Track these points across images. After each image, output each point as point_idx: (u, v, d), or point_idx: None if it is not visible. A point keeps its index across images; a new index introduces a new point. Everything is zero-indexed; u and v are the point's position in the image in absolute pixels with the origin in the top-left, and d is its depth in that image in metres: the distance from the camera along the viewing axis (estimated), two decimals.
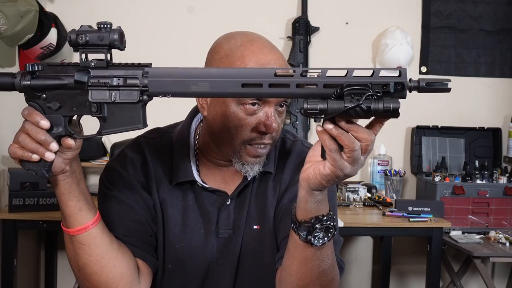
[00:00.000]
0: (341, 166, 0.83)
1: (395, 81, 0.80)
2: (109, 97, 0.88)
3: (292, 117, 2.81)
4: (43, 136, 0.89)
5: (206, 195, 1.18)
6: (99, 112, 0.90)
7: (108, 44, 0.87)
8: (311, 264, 0.97)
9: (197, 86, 0.84)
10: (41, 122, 0.89)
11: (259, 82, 0.83)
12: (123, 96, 0.88)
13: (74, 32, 0.86)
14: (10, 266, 2.25)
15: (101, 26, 0.86)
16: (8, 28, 2.17)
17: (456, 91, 3.04)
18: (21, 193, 2.24)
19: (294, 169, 1.19)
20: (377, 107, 0.79)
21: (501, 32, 3.02)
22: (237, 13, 2.83)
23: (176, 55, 2.69)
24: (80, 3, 2.83)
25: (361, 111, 0.79)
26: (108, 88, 0.88)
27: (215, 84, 0.84)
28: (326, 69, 0.82)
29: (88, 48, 0.87)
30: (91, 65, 0.88)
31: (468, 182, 2.68)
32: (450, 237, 2.55)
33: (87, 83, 0.88)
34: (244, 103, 1.07)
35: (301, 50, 2.84)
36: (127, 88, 0.88)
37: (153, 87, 0.86)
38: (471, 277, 3.06)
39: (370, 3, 2.97)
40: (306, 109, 0.81)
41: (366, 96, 0.78)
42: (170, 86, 0.85)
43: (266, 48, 1.11)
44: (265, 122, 1.07)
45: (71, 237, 1.03)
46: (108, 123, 0.90)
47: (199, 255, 1.18)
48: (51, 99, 0.91)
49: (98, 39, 0.86)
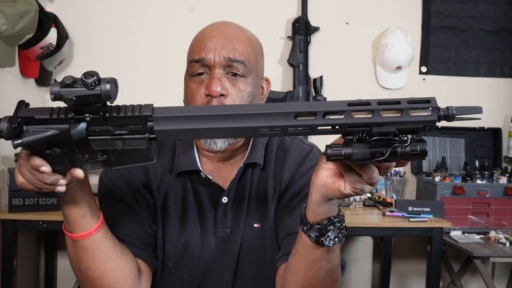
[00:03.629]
0: (361, 188, 0.82)
1: (425, 123, 0.76)
2: (114, 146, 0.80)
3: None
4: (48, 179, 0.86)
5: (203, 191, 1.19)
6: (105, 156, 0.84)
7: (100, 101, 0.76)
8: (319, 265, 0.96)
9: (210, 133, 0.80)
10: (41, 168, 0.85)
11: (277, 124, 0.77)
12: (129, 143, 0.80)
13: (58, 92, 0.74)
14: (10, 266, 2.25)
15: (88, 83, 0.74)
16: (8, 28, 2.17)
17: (456, 91, 3.05)
18: (21, 193, 2.24)
19: (294, 166, 1.19)
20: (403, 151, 0.75)
21: (501, 32, 3.02)
22: (237, 13, 2.82)
23: (175, 55, 2.69)
24: (80, 3, 2.83)
25: (387, 159, 0.76)
26: (111, 137, 0.80)
27: (228, 131, 0.79)
28: (350, 110, 0.76)
29: (79, 106, 0.77)
30: (87, 119, 0.79)
31: (468, 182, 2.68)
32: (450, 237, 2.55)
33: (87, 136, 0.80)
34: (193, 74, 1.12)
35: (301, 50, 2.84)
36: (133, 137, 0.80)
37: (161, 135, 0.80)
38: (471, 277, 3.06)
39: (370, 3, 2.97)
40: (330, 155, 0.76)
41: (392, 147, 0.75)
42: (180, 134, 0.80)
43: (220, 25, 1.16)
44: (207, 84, 1.10)
45: (73, 241, 1.02)
46: (117, 161, 0.85)
47: (198, 253, 1.18)
48: (48, 147, 0.82)
49: (89, 99, 0.75)
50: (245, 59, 1.12)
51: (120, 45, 2.86)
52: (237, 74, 1.12)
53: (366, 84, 2.97)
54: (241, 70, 1.12)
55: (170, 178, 1.19)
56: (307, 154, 1.21)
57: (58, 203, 0.99)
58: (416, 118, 0.76)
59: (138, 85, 2.88)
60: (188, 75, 1.15)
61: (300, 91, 2.83)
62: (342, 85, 2.95)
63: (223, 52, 1.10)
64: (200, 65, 1.11)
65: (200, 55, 1.11)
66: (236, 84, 1.11)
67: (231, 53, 1.11)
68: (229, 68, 1.11)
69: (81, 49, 2.85)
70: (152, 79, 2.87)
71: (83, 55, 2.86)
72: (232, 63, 1.10)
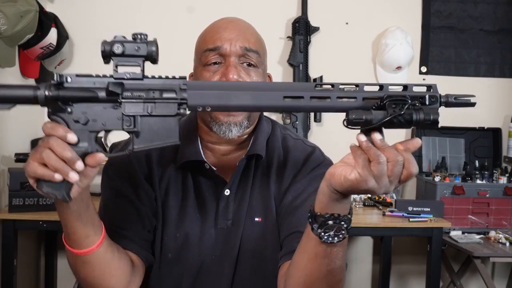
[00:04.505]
0: (366, 177, 0.83)
1: (430, 95, 0.85)
2: (144, 110, 0.83)
3: (292, 117, 2.82)
4: (69, 152, 0.82)
5: (205, 184, 1.19)
6: (132, 127, 0.84)
7: (144, 55, 0.83)
8: (320, 261, 0.96)
9: (238, 98, 0.84)
10: (68, 136, 0.82)
11: (300, 95, 0.85)
12: (159, 109, 0.84)
13: (108, 43, 0.83)
14: (10, 266, 2.25)
15: (137, 37, 0.83)
16: (8, 28, 2.17)
17: (456, 91, 3.04)
18: (21, 193, 2.24)
19: (297, 165, 1.21)
20: (418, 118, 0.83)
21: (501, 32, 3.02)
22: (237, 13, 2.81)
23: (175, 55, 2.69)
24: (80, 3, 2.83)
25: (404, 120, 0.82)
26: (143, 100, 0.83)
27: (256, 96, 0.84)
28: (363, 84, 0.86)
29: (123, 59, 0.83)
30: (126, 77, 0.84)
31: (468, 182, 2.68)
32: (450, 237, 2.55)
33: (121, 95, 0.83)
34: (207, 63, 1.13)
35: (301, 50, 2.84)
36: (164, 101, 0.84)
37: (192, 99, 0.84)
38: (471, 277, 3.06)
39: (370, 3, 2.97)
40: (352, 119, 0.82)
41: (407, 105, 0.82)
42: (211, 98, 0.84)
43: (231, 18, 1.20)
44: (223, 71, 1.12)
45: (73, 254, 1.01)
46: (141, 139, 0.85)
47: (197, 245, 1.18)
48: (78, 112, 0.84)
49: (135, 50, 0.82)
50: (258, 49, 1.16)
51: None
52: (250, 63, 1.14)
53: None
54: (255, 60, 1.15)
55: (171, 170, 1.19)
56: (310, 154, 1.22)
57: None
58: (422, 93, 0.86)
59: None
60: (200, 65, 1.16)
61: None
62: None
63: (238, 42, 1.14)
64: (214, 54, 1.13)
65: (216, 44, 1.13)
66: (249, 73, 1.14)
67: (246, 43, 1.14)
68: (244, 58, 1.14)
69: (81, 49, 2.85)
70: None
71: (83, 55, 2.86)
72: (248, 52, 1.14)
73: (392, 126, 0.83)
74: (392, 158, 0.82)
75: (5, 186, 2.37)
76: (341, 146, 2.26)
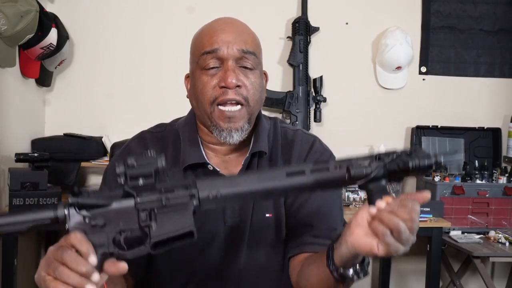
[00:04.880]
0: (395, 249, 0.82)
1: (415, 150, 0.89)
2: (159, 202, 0.86)
3: (292, 117, 2.82)
4: (84, 267, 0.78)
5: None
6: (148, 221, 0.86)
7: (156, 170, 0.87)
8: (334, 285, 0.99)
9: (246, 182, 0.88)
10: (91, 256, 0.80)
11: (301, 170, 0.89)
12: (173, 202, 0.86)
13: (122, 166, 0.86)
14: (11, 266, 2.25)
15: (146, 154, 0.87)
16: (8, 28, 2.17)
17: (456, 91, 3.06)
18: (21, 193, 2.23)
19: (300, 159, 1.23)
20: (414, 163, 0.87)
21: (501, 32, 3.02)
22: (237, 13, 2.81)
23: (176, 55, 2.69)
24: (80, 3, 2.83)
25: (401, 165, 0.87)
26: (157, 197, 0.86)
27: (262, 177, 0.89)
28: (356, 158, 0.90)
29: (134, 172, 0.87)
30: (139, 184, 0.86)
31: (468, 182, 2.69)
32: (450, 237, 2.55)
33: (136, 197, 0.86)
34: (205, 67, 1.14)
35: (301, 50, 2.84)
36: (177, 196, 0.87)
37: (203, 189, 0.87)
38: (471, 277, 3.06)
39: (370, 3, 2.97)
40: (354, 174, 0.87)
41: (400, 152, 0.88)
42: (220, 186, 0.88)
43: (228, 20, 1.20)
44: (222, 76, 1.12)
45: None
46: (156, 231, 0.85)
47: (206, 242, 1.18)
48: (95, 217, 0.85)
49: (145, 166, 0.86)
50: (255, 51, 1.17)
51: (120, 45, 2.87)
52: (248, 66, 1.15)
53: (366, 84, 2.97)
54: (252, 62, 1.15)
55: (174, 172, 1.19)
56: (311, 147, 1.24)
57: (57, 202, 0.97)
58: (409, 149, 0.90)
59: (138, 85, 2.89)
60: (198, 68, 1.16)
61: (300, 91, 2.83)
62: (342, 85, 2.95)
63: (236, 45, 1.14)
64: (212, 57, 1.14)
65: (213, 47, 1.14)
66: (247, 76, 1.15)
67: (243, 45, 1.15)
68: (241, 61, 1.14)
69: (82, 49, 2.86)
70: (152, 79, 2.87)
71: (84, 55, 2.86)
72: (245, 54, 1.14)
73: (390, 179, 0.88)
74: (407, 218, 0.81)
75: (5, 186, 2.37)
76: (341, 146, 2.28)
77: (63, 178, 2.59)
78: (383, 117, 2.97)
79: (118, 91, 2.87)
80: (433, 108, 2.97)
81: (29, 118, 2.67)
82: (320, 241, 1.14)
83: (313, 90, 2.87)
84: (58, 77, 2.84)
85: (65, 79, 2.86)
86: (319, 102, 2.86)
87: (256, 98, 1.17)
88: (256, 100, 1.17)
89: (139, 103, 2.86)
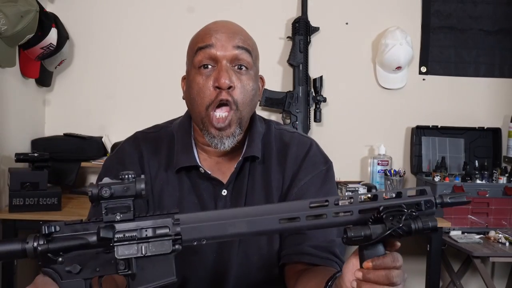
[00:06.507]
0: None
1: (425, 200, 0.84)
2: (139, 251, 0.81)
3: (292, 117, 2.82)
4: None
5: (203, 185, 1.20)
6: (127, 269, 0.81)
7: (134, 194, 0.81)
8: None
9: (234, 227, 0.83)
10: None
11: (296, 216, 0.84)
12: (154, 248, 0.81)
13: (96, 186, 0.81)
14: (11, 266, 2.25)
15: (125, 177, 0.81)
16: (8, 28, 2.18)
17: (456, 91, 3.05)
18: (21, 193, 2.24)
19: (296, 162, 1.22)
20: (417, 227, 0.81)
21: (501, 32, 3.02)
22: (237, 13, 2.83)
23: (175, 55, 2.69)
24: (80, 3, 2.84)
25: (403, 232, 0.81)
26: (137, 241, 0.81)
27: (252, 223, 0.83)
28: (357, 195, 0.85)
29: (112, 201, 0.81)
30: (117, 219, 0.81)
31: (468, 182, 2.69)
32: (450, 237, 2.55)
33: (113, 239, 0.80)
34: (199, 65, 1.14)
35: (301, 50, 2.84)
36: (158, 239, 0.82)
37: (186, 234, 0.83)
38: (471, 277, 3.06)
39: (370, 3, 2.97)
40: (351, 237, 0.81)
41: (405, 216, 0.81)
42: (206, 230, 0.83)
43: (224, 21, 1.19)
44: (216, 76, 1.12)
45: None
46: (138, 280, 0.82)
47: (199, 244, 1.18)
48: (69, 261, 0.82)
49: (123, 191, 0.81)
50: (249, 48, 1.16)
51: (120, 45, 2.87)
52: (242, 66, 1.15)
53: (366, 84, 2.97)
54: (246, 61, 1.15)
55: (166, 174, 1.20)
56: (308, 150, 1.24)
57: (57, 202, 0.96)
58: (416, 199, 0.84)
59: (138, 85, 2.89)
60: (193, 68, 1.16)
61: (300, 91, 2.83)
62: (342, 85, 2.95)
63: (230, 43, 1.14)
64: (206, 54, 1.14)
65: (206, 42, 1.14)
66: (241, 78, 1.15)
67: (238, 42, 1.15)
68: (235, 61, 1.14)
69: (82, 49, 2.86)
70: (152, 79, 2.88)
71: (84, 55, 2.86)
72: (240, 50, 1.14)
73: (391, 238, 0.83)
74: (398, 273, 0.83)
75: (5, 186, 2.37)
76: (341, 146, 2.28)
77: (63, 178, 2.60)
78: (383, 117, 2.98)
79: (118, 91, 2.88)
80: (433, 108, 2.98)
81: (29, 118, 2.67)
82: (319, 254, 1.15)
83: (313, 90, 2.87)
84: (58, 77, 2.85)
85: (65, 79, 2.86)
86: (319, 102, 2.87)
87: (247, 101, 1.16)
88: (247, 104, 1.16)
89: (139, 103, 2.87)
